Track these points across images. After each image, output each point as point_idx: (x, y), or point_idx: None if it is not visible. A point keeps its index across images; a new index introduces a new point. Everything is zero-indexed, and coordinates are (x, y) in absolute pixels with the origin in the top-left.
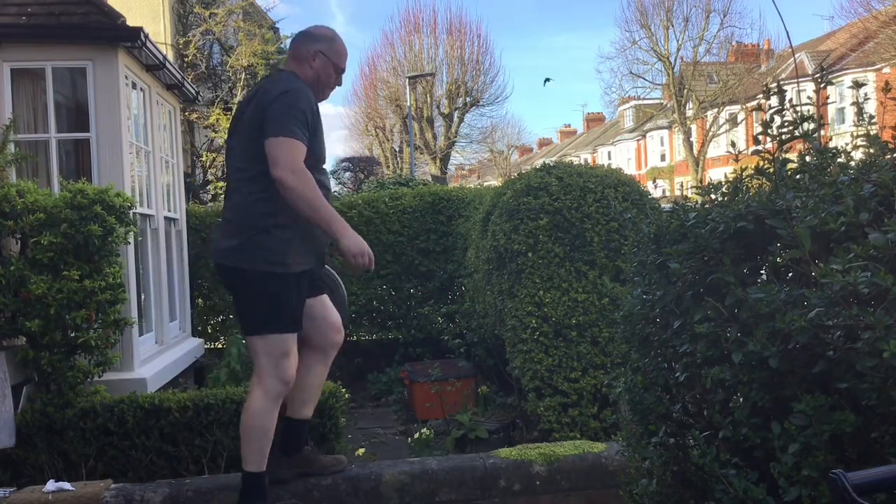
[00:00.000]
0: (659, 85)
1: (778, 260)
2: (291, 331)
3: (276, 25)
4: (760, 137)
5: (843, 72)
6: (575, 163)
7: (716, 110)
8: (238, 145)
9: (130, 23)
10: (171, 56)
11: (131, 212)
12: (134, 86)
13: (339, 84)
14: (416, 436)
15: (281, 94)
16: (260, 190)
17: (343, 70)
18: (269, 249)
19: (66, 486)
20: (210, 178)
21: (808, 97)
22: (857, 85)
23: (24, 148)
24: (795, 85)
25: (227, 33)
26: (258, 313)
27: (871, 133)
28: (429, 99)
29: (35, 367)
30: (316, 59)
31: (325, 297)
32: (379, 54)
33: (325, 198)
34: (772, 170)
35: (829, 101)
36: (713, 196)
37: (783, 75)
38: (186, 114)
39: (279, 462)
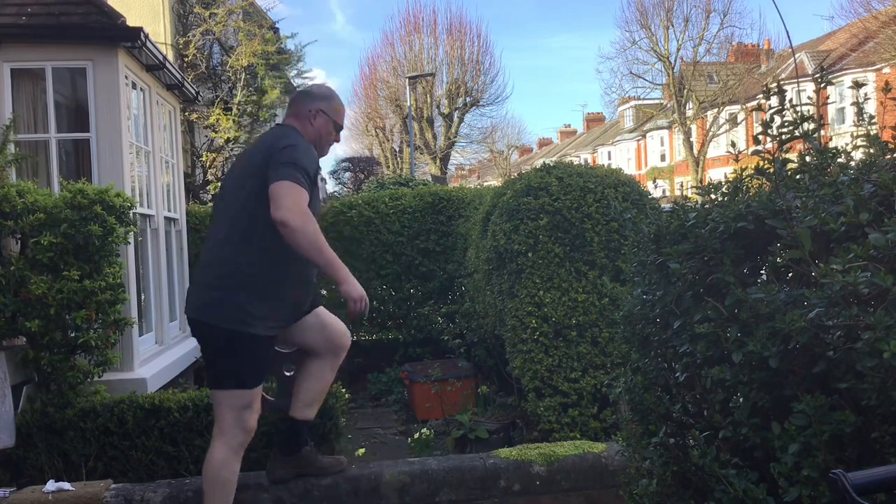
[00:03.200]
0: (659, 85)
1: (778, 260)
2: (255, 385)
3: (276, 25)
4: (760, 137)
5: (843, 72)
6: (575, 163)
7: (716, 110)
8: (230, 196)
9: (130, 23)
10: (171, 56)
11: (131, 212)
12: (134, 86)
13: (338, 140)
14: (416, 436)
15: (289, 147)
16: (246, 247)
17: (341, 127)
18: (245, 309)
19: (66, 486)
20: (210, 178)
21: (808, 97)
22: (857, 85)
23: (24, 148)
24: (795, 85)
25: (227, 33)
26: (228, 369)
27: (871, 133)
28: (429, 99)
29: (35, 367)
30: (317, 118)
31: (321, 309)
32: (379, 54)
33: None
34: (772, 170)
35: (829, 101)
36: (713, 196)
37: (783, 75)
38: (186, 114)
39: (278, 462)
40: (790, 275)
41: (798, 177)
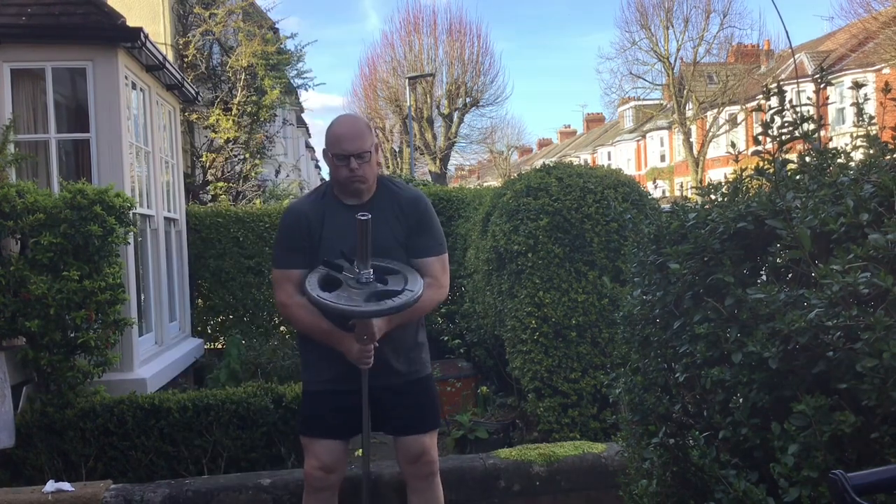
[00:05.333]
0: (659, 85)
1: (778, 260)
2: (303, 433)
3: (276, 26)
4: (760, 138)
5: (843, 72)
6: (575, 163)
7: (715, 111)
8: None
9: (130, 23)
10: (170, 56)
11: (131, 212)
12: (134, 86)
13: (350, 170)
14: None
15: None
16: None
17: (338, 154)
18: (303, 362)
19: (66, 486)
20: (210, 178)
21: (808, 98)
22: (857, 85)
23: (24, 148)
24: (795, 85)
25: (227, 33)
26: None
27: (871, 133)
28: (429, 99)
29: (35, 368)
30: (328, 161)
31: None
32: (378, 55)
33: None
34: (772, 170)
35: (828, 101)
36: (713, 196)
37: (783, 76)
38: (186, 114)
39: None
40: (790, 275)
41: (798, 177)
